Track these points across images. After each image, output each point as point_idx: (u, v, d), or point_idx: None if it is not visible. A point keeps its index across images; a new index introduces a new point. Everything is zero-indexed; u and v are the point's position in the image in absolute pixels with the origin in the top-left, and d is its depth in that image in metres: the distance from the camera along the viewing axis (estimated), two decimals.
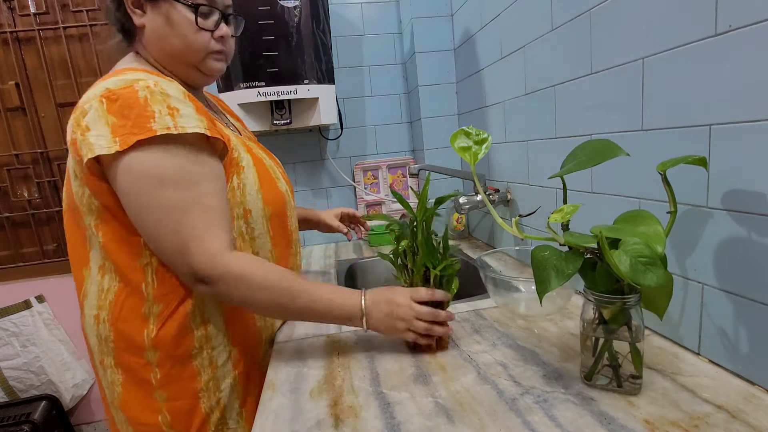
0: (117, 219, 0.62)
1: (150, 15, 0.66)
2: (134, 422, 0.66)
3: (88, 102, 0.58)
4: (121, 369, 0.65)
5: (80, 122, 0.58)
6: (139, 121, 0.56)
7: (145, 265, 0.63)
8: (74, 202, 0.63)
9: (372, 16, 1.55)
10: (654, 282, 0.43)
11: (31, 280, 1.72)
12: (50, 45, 1.64)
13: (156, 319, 0.63)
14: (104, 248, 0.63)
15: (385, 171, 1.61)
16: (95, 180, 0.59)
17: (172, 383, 0.65)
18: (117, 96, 0.57)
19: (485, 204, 1.09)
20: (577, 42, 0.73)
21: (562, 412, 0.48)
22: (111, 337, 0.64)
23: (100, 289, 0.65)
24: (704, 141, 0.52)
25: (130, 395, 0.65)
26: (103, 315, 0.64)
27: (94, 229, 0.63)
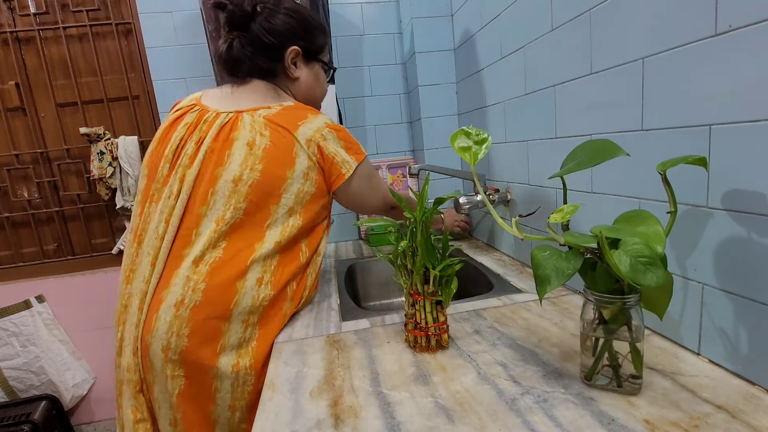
0: (312, 211, 0.86)
1: (304, 71, 0.93)
2: (258, 377, 0.76)
3: (322, 130, 0.84)
4: (260, 324, 0.78)
5: (327, 144, 0.84)
6: (357, 147, 0.89)
7: (302, 242, 0.86)
8: (277, 191, 0.81)
9: (372, 16, 1.55)
10: (654, 282, 0.43)
11: (31, 280, 1.72)
12: (50, 45, 1.64)
13: (295, 278, 0.85)
14: (300, 229, 0.83)
15: (385, 171, 1.61)
16: (324, 184, 0.87)
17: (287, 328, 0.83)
18: (337, 128, 0.87)
19: (485, 204, 1.09)
20: (577, 42, 0.73)
21: (562, 412, 0.48)
22: (270, 295, 0.79)
23: (267, 259, 0.80)
24: (704, 141, 0.52)
25: (261, 349, 0.77)
26: (267, 278, 0.79)
27: (298, 215, 0.83)
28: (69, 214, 1.75)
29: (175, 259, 0.77)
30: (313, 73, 0.94)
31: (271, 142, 0.81)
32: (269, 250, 0.79)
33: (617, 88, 0.65)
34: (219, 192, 0.78)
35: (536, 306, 0.79)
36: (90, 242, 1.78)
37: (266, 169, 0.80)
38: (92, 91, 1.68)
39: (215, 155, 0.80)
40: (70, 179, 1.74)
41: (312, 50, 0.92)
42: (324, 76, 0.98)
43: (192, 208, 0.79)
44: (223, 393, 0.74)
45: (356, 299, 1.22)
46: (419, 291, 0.66)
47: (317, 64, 0.95)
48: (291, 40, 0.88)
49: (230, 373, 0.73)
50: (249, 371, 0.74)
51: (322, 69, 0.97)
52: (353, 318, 0.83)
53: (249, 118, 0.83)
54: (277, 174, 0.80)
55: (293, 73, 0.91)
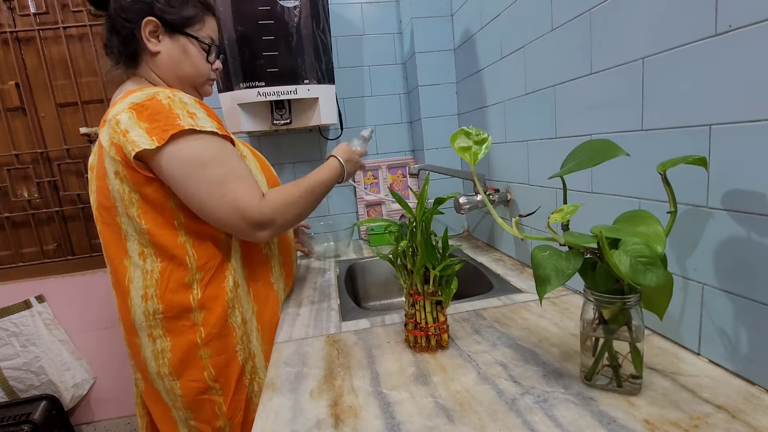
0: (156, 207, 0.75)
1: (166, 44, 0.81)
2: (184, 381, 0.78)
3: (119, 114, 0.71)
4: (170, 335, 0.77)
5: (117, 128, 0.71)
6: (168, 121, 0.70)
7: (183, 242, 0.77)
8: (110, 201, 0.75)
9: (372, 16, 1.55)
10: (654, 282, 0.43)
11: (31, 280, 1.72)
12: (50, 45, 1.64)
13: (199, 284, 0.77)
14: (149, 233, 0.75)
15: (385, 171, 1.61)
16: (138, 174, 0.72)
17: (213, 341, 0.78)
18: (144, 107, 0.71)
19: (485, 204, 1.09)
20: (577, 42, 0.73)
21: (562, 412, 0.48)
22: (160, 308, 0.76)
23: (144, 272, 0.76)
24: (704, 141, 0.51)
25: (179, 358, 0.77)
26: (150, 292, 0.76)
27: (137, 219, 0.74)
28: (69, 214, 1.75)
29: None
30: (179, 46, 0.81)
31: (97, 156, 0.78)
32: (138, 263, 0.76)
33: (617, 88, 0.65)
34: (97, 224, 0.81)
35: (536, 306, 0.79)
36: (90, 242, 1.78)
37: (98, 187, 0.77)
38: (92, 91, 1.68)
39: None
40: (70, 179, 1.74)
41: (176, 22, 0.80)
42: (197, 53, 0.83)
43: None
44: (164, 395, 0.81)
45: (356, 299, 1.22)
46: (419, 291, 0.66)
47: (184, 37, 0.82)
48: (146, 12, 0.78)
49: (159, 380, 0.79)
50: (171, 378, 0.78)
51: (198, 46, 0.83)
52: (353, 318, 0.83)
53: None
54: (103, 187, 0.76)
55: (152, 48, 0.80)
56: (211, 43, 0.85)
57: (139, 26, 0.78)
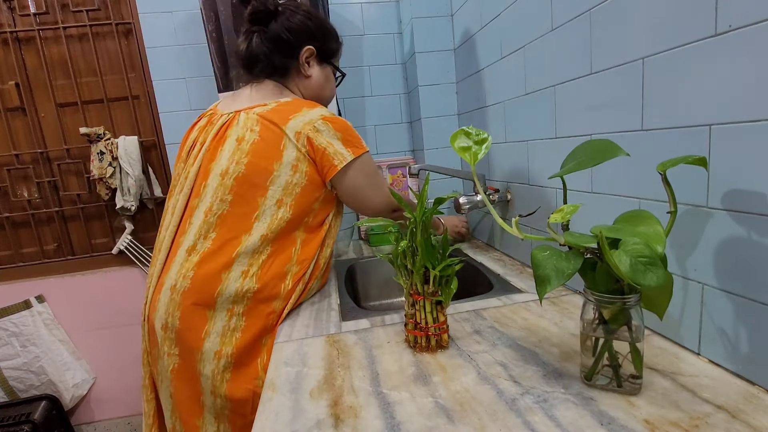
0: (305, 203, 0.86)
1: (316, 70, 0.97)
2: (238, 365, 0.79)
3: (315, 122, 0.85)
4: (247, 317, 0.80)
5: (318, 135, 0.85)
6: (358, 140, 0.90)
7: (296, 237, 0.87)
8: (263, 181, 0.83)
9: (372, 16, 1.55)
10: (654, 282, 0.43)
11: (31, 280, 1.72)
12: (50, 45, 1.64)
13: (292, 276, 0.86)
14: (288, 222, 0.84)
15: (385, 171, 1.61)
16: (318, 177, 0.87)
17: (275, 329, 0.82)
18: (334, 120, 0.87)
19: (485, 204, 1.09)
20: (577, 42, 0.73)
21: (562, 412, 0.48)
22: (254, 288, 0.81)
23: (255, 252, 0.82)
24: (704, 141, 0.51)
25: (246, 340, 0.80)
26: (252, 270, 0.81)
27: (287, 207, 0.84)
28: (69, 214, 1.75)
29: (175, 247, 0.86)
30: (325, 73, 0.99)
31: (259, 136, 0.85)
32: (256, 243, 0.82)
33: (617, 88, 0.65)
34: (209, 185, 0.84)
35: (536, 306, 0.79)
36: (90, 242, 1.78)
37: (252, 162, 0.83)
38: (92, 91, 1.68)
39: (210, 152, 0.88)
40: (70, 179, 1.74)
41: (326, 52, 0.98)
42: (333, 79, 1.03)
43: (190, 201, 0.87)
44: (205, 378, 0.79)
45: (356, 299, 1.22)
46: (419, 291, 0.66)
47: (329, 66, 1.00)
48: (307, 39, 0.94)
49: (212, 359, 0.78)
50: (229, 360, 0.79)
51: (333, 72, 1.02)
52: (353, 318, 0.83)
53: (244, 116, 0.88)
54: (262, 167, 0.83)
55: (306, 71, 0.96)
56: (343, 73, 1.05)
57: (300, 50, 0.93)
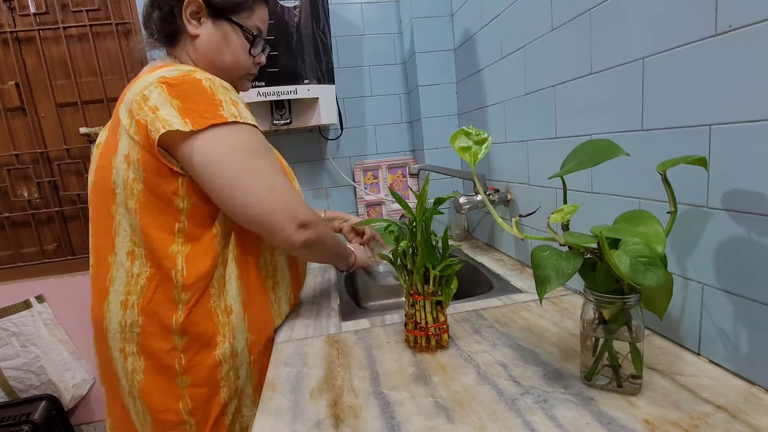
0: (159, 204, 0.66)
1: (208, 28, 0.74)
2: (154, 410, 0.68)
3: (146, 88, 0.63)
4: (144, 356, 0.67)
5: (143, 104, 0.63)
6: (210, 108, 0.63)
7: (176, 252, 0.66)
8: (109, 185, 0.66)
9: (372, 16, 1.55)
10: (654, 282, 0.43)
11: (31, 280, 1.72)
12: (50, 45, 1.64)
13: (184, 305, 0.67)
14: (143, 232, 0.66)
15: (385, 171, 1.61)
16: (153, 160, 0.63)
17: (195, 369, 0.68)
18: (178, 83, 0.63)
19: (485, 204, 1.09)
20: (577, 42, 0.73)
21: (562, 412, 0.48)
22: (138, 322, 0.66)
23: (129, 275, 0.67)
24: (704, 141, 0.51)
25: (152, 382, 0.67)
26: (132, 299, 0.67)
27: (133, 213, 0.65)
28: (69, 214, 1.75)
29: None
30: (221, 33, 0.74)
31: (108, 132, 0.70)
32: (125, 264, 0.67)
33: (617, 88, 0.65)
34: (89, 206, 0.74)
35: (536, 306, 0.79)
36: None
37: (99, 167, 0.69)
38: (92, 91, 1.68)
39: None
40: (70, 179, 1.74)
41: (222, 6, 0.74)
42: (240, 42, 0.76)
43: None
44: (134, 415, 0.71)
45: (356, 299, 1.22)
46: (419, 291, 0.66)
47: (229, 24, 0.75)
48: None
49: (129, 398, 0.71)
50: (143, 404, 0.68)
51: (242, 35, 0.76)
52: (353, 318, 0.83)
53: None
54: (106, 169, 0.67)
55: (191, 30, 0.73)
56: (258, 35, 0.78)
57: (182, 4, 0.72)
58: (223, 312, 0.70)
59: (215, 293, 0.69)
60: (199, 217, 0.68)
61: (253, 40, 0.77)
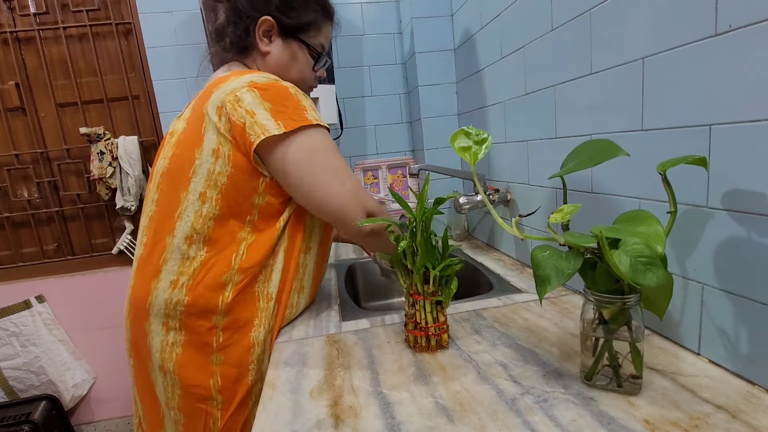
0: (239, 197, 0.71)
1: (278, 46, 0.80)
2: (185, 383, 0.72)
3: (238, 90, 0.68)
4: (185, 330, 0.71)
5: (237, 105, 0.67)
6: (297, 111, 0.69)
7: (242, 239, 0.72)
8: (185, 173, 0.70)
9: (372, 16, 1.55)
10: (654, 282, 0.43)
11: (31, 280, 1.72)
12: (50, 45, 1.64)
13: (234, 286, 0.71)
14: (215, 219, 0.70)
15: (385, 171, 1.61)
16: (244, 159, 0.69)
17: (230, 348, 0.72)
18: (267, 88, 0.69)
19: (485, 204, 1.09)
20: (577, 42, 0.73)
21: (562, 412, 0.48)
22: (184, 301, 0.70)
23: (185, 257, 0.71)
24: (704, 141, 0.51)
25: (189, 357, 0.71)
26: (183, 280, 0.70)
27: (213, 201, 0.70)
28: (69, 214, 1.75)
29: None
30: (290, 51, 0.81)
31: (187, 124, 0.73)
32: (182, 247, 0.71)
33: (617, 88, 0.65)
34: (151, 188, 0.77)
35: (536, 306, 0.79)
36: (90, 242, 1.78)
37: (175, 155, 0.73)
38: (92, 91, 1.68)
39: (158, 152, 0.80)
40: (70, 179, 1.74)
41: (292, 26, 0.79)
42: (306, 60, 0.83)
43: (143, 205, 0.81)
44: (160, 389, 0.74)
45: (356, 299, 1.22)
46: (419, 291, 0.66)
47: (297, 43, 0.81)
48: (265, 9, 0.78)
49: (159, 373, 0.73)
50: (174, 377, 0.71)
51: (308, 53, 0.82)
52: (353, 318, 0.83)
53: (188, 107, 0.78)
54: (184, 157, 0.71)
55: (264, 47, 0.79)
56: (321, 52, 0.84)
57: (256, 23, 0.77)
58: (264, 297, 0.75)
59: (262, 279, 0.74)
60: (269, 213, 0.74)
61: (318, 58, 0.84)
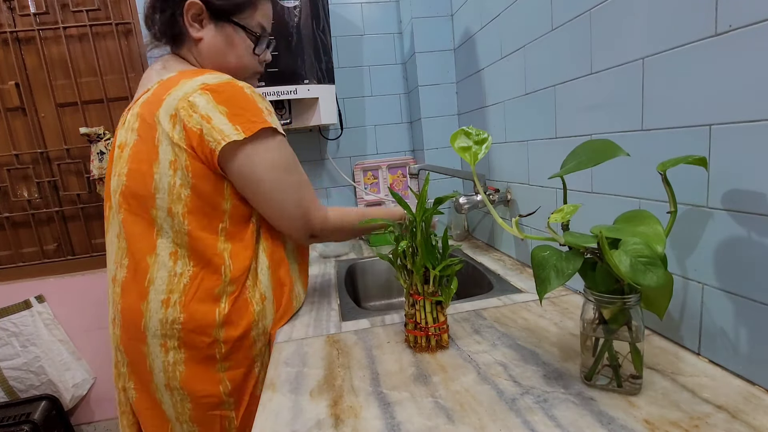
0: (206, 207, 0.69)
1: (210, 31, 0.75)
2: (195, 396, 0.71)
3: (190, 95, 0.65)
4: (185, 348, 0.70)
5: (192, 112, 0.64)
6: (255, 114, 0.67)
7: (223, 250, 0.71)
8: (148, 190, 0.68)
9: (372, 16, 1.55)
10: (654, 282, 0.43)
11: (31, 280, 1.72)
12: (50, 45, 1.64)
13: (228, 297, 0.71)
14: (189, 234, 0.68)
15: (385, 171, 1.61)
16: (202, 167, 0.67)
17: (234, 354, 0.72)
18: (221, 90, 0.66)
19: (485, 204, 1.09)
20: (577, 42, 0.73)
21: (562, 412, 0.48)
22: (180, 318, 0.69)
23: (172, 274, 0.69)
24: (704, 141, 0.51)
25: (193, 371, 0.70)
26: (174, 298, 0.69)
27: (180, 217, 0.68)
28: (69, 214, 1.75)
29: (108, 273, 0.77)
30: (224, 35, 0.75)
31: (138, 135, 0.69)
32: (168, 264, 0.69)
33: (617, 88, 0.65)
34: (112, 206, 0.73)
35: (536, 306, 0.79)
36: (90, 242, 1.78)
37: (131, 170, 0.69)
38: (92, 91, 1.68)
39: (109, 165, 0.76)
40: (70, 179, 1.74)
41: (222, 8, 0.73)
42: (244, 43, 0.77)
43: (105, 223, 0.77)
44: (168, 405, 0.73)
45: (356, 299, 1.22)
46: (419, 291, 0.66)
47: (231, 26, 0.75)
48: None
49: (165, 391, 0.72)
50: (183, 393, 0.71)
51: (246, 36, 0.77)
52: (353, 318, 0.83)
53: (131, 113, 0.72)
54: (142, 172, 0.68)
55: (194, 33, 0.74)
56: (261, 33, 0.78)
57: (182, 9, 0.72)
58: (258, 301, 0.75)
59: (250, 284, 0.74)
60: (238, 216, 0.72)
61: (257, 40, 0.78)
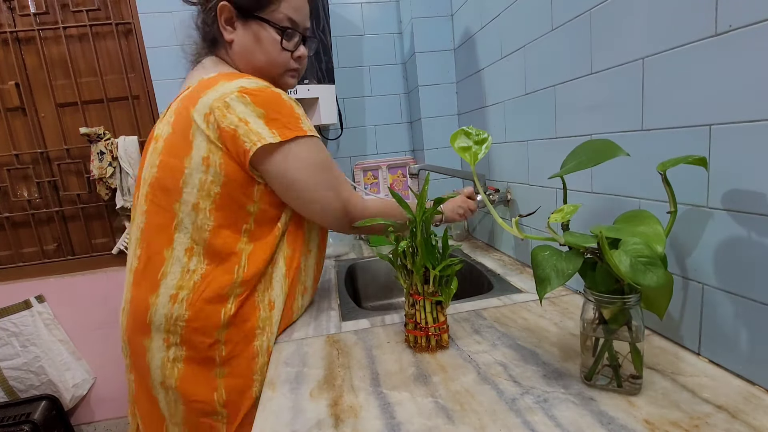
0: (233, 206, 0.69)
1: (239, 32, 0.75)
2: (187, 399, 0.70)
3: (227, 96, 0.66)
4: (186, 346, 0.69)
5: (228, 113, 0.65)
6: (291, 120, 0.68)
7: (241, 249, 0.71)
8: (176, 183, 0.68)
9: (372, 16, 1.55)
10: (654, 282, 0.43)
11: (31, 280, 1.72)
12: (50, 45, 1.64)
13: (236, 298, 0.70)
14: (211, 231, 0.68)
15: (385, 171, 1.61)
16: (236, 167, 0.67)
17: (234, 360, 0.70)
18: (258, 93, 0.67)
19: (485, 204, 1.09)
20: (577, 42, 0.73)
21: (562, 412, 0.48)
22: (184, 316, 0.68)
23: (184, 270, 0.69)
24: (704, 141, 0.51)
25: (191, 371, 0.69)
26: (182, 294, 0.68)
27: (206, 213, 0.68)
28: (69, 214, 1.75)
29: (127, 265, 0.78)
30: (251, 34, 0.74)
31: (172, 128, 0.70)
32: (182, 260, 0.69)
33: (617, 88, 0.65)
34: (139, 196, 0.74)
35: (536, 306, 0.79)
36: (90, 242, 1.78)
37: (163, 163, 0.69)
38: (92, 91, 1.68)
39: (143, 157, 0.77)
40: (70, 179, 1.74)
41: (247, 5, 0.73)
42: (271, 39, 0.75)
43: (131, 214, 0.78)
44: (163, 404, 0.72)
45: (356, 299, 1.22)
46: (419, 291, 0.66)
47: (256, 22, 0.74)
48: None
49: (160, 389, 0.71)
50: (176, 393, 0.70)
51: (273, 31, 0.75)
52: (353, 318, 0.83)
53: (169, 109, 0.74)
54: (172, 165, 0.68)
55: (227, 36, 0.75)
56: (290, 26, 0.76)
57: (215, 13, 0.73)
58: (266, 307, 0.73)
59: (261, 288, 0.73)
60: (265, 221, 0.73)
61: (283, 34, 0.75)
